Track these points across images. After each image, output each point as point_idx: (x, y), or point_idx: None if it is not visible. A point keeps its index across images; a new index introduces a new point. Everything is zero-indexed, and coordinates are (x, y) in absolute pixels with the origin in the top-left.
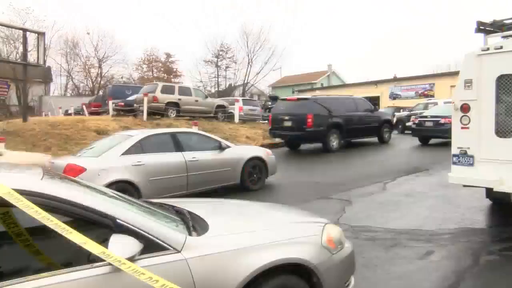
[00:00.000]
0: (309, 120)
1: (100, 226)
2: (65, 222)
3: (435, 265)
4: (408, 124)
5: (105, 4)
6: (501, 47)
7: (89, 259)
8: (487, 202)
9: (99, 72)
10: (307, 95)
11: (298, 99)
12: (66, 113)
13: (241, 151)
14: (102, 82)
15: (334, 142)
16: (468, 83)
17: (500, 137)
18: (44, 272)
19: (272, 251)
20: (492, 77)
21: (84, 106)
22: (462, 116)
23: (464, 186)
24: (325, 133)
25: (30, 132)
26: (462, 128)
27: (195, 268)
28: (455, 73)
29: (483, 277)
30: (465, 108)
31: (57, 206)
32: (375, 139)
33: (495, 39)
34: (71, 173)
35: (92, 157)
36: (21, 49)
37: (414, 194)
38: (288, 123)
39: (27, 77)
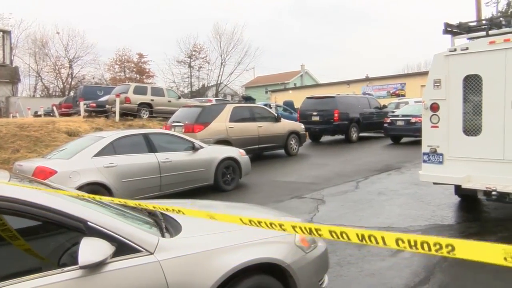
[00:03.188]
0: (336, 115)
1: (71, 229)
2: (35, 226)
3: (406, 262)
4: None
5: (75, 3)
6: (467, 48)
7: (60, 263)
8: (456, 198)
9: (69, 73)
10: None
11: (324, 97)
12: (36, 115)
13: (215, 152)
14: (73, 83)
15: (354, 135)
16: (437, 83)
17: (468, 135)
18: (12, 279)
19: (245, 251)
20: (459, 77)
21: (54, 107)
22: (432, 115)
23: (434, 183)
24: (348, 126)
25: None
26: (431, 126)
27: (168, 270)
28: (425, 73)
29: (452, 271)
30: (434, 107)
31: (25, 210)
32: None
33: (462, 41)
34: (41, 176)
35: (63, 159)
36: None
37: (386, 192)
38: (316, 118)
39: None
